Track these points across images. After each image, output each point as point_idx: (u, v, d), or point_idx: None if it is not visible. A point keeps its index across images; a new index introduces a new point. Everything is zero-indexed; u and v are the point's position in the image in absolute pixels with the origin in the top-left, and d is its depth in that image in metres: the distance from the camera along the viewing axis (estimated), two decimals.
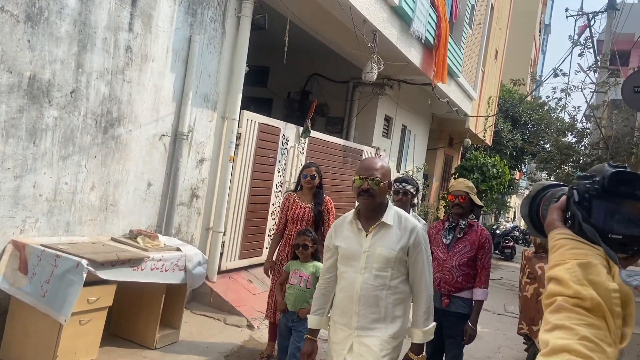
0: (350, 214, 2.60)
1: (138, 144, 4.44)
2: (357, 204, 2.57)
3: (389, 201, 2.63)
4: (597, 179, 0.83)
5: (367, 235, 2.48)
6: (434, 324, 2.58)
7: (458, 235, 3.64)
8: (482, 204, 3.92)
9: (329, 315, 2.67)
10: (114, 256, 3.54)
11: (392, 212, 2.53)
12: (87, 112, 3.93)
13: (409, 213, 3.56)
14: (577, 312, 0.76)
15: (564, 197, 0.90)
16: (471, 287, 3.57)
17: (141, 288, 3.97)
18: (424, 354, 2.55)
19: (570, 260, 0.80)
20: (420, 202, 12.50)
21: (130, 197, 4.46)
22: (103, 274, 3.41)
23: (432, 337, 2.57)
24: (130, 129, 4.33)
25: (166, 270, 3.95)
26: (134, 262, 3.67)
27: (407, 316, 2.58)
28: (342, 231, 2.58)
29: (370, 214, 2.52)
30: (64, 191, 3.85)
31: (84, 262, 3.26)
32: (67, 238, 3.82)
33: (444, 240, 3.67)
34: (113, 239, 4.10)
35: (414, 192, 4.28)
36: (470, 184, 3.77)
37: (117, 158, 4.26)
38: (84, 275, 3.22)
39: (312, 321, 2.66)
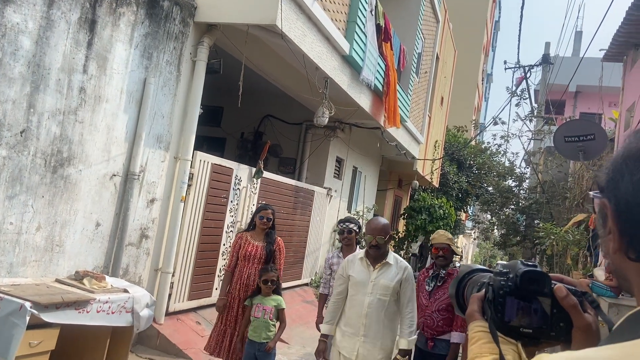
0: (360, 253, 3.59)
1: (88, 183, 4.43)
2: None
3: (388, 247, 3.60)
4: (510, 276, 0.90)
5: (374, 270, 3.45)
6: (415, 336, 3.47)
7: (439, 284, 3.97)
8: (460, 254, 4.31)
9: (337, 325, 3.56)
10: (58, 298, 3.48)
11: (392, 255, 3.52)
12: (36, 152, 3.91)
13: (356, 249, 4.25)
14: None
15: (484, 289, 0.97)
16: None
17: (85, 331, 3.89)
18: (408, 357, 3.43)
19: (487, 354, 0.90)
20: None
21: (78, 237, 4.40)
22: (47, 317, 3.34)
23: (413, 345, 3.46)
24: (80, 168, 4.32)
25: (113, 313, 3.89)
26: (79, 305, 3.61)
27: (397, 329, 3.49)
28: (354, 265, 3.51)
29: (376, 256, 3.49)
30: (9, 231, 3.78)
31: (28, 304, 3.20)
32: (10, 279, 3.72)
33: (427, 287, 4.01)
34: (58, 281, 4.02)
35: (357, 230, 4.64)
36: (450, 235, 4.12)
37: (66, 198, 4.23)
38: (27, 318, 3.15)
39: (325, 329, 3.59)
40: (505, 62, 13.98)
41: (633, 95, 7.62)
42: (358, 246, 4.72)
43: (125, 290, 4.14)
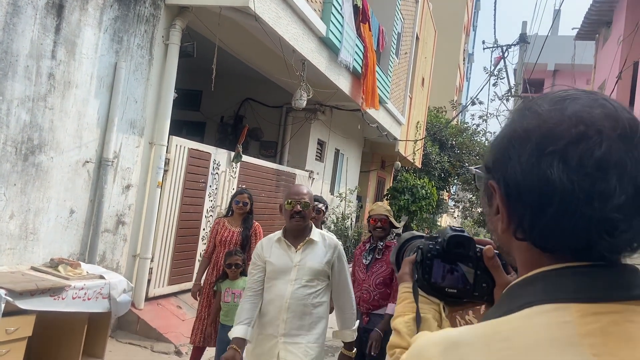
0: (276, 234, 2.88)
1: (60, 171, 4.40)
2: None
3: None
4: (439, 240, 0.95)
5: (296, 251, 2.78)
6: (358, 321, 2.98)
7: (377, 257, 3.88)
8: (399, 226, 4.19)
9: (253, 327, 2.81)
10: (33, 285, 3.49)
11: (317, 231, 2.87)
12: (6, 140, 3.87)
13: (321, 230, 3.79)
14: None
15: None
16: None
17: (62, 317, 3.90)
18: (354, 350, 2.91)
19: (409, 313, 0.94)
20: (354, 223, 12.82)
21: (52, 225, 4.39)
22: (22, 304, 3.36)
23: (356, 334, 2.92)
24: (51, 156, 4.29)
25: (89, 299, 3.91)
26: (54, 291, 3.62)
27: (327, 322, 2.87)
28: (270, 248, 2.83)
29: (297, 233, 2.81)
30: None
31: (2, 292, 3.21)
32: None
33: (364, 261, 3.91)
34: (33, 268, 4.02)
35: (325, 210, 4.48)
36: (388, 207, 4.04)
37: (38, 185, 4.20)
38: (2, 305, 3.17)
39: (238, 330, 2.68)
40: (483, 42, 14.04)
41: (604, 72, 7.71)
42: (323, 227, 4.54)
43: (102, 277, 4.15)
